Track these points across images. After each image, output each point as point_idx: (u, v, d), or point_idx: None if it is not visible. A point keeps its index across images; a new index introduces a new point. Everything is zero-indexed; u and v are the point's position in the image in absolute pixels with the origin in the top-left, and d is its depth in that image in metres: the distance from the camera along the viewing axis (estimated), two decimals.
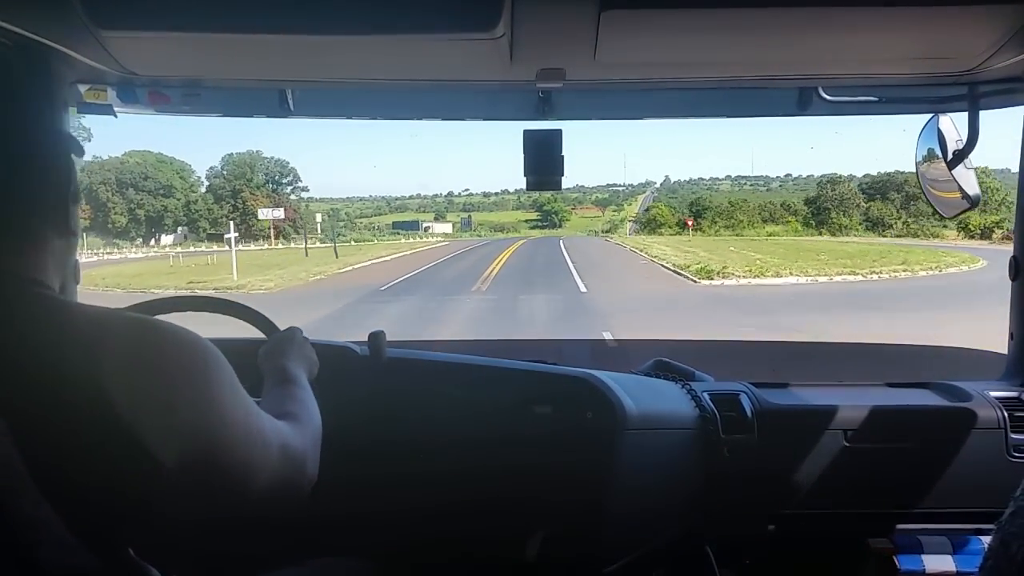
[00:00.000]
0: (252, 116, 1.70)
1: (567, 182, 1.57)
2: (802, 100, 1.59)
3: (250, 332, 1.40)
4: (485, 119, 1.80)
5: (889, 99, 1.63)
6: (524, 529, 1.59)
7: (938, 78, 1.47)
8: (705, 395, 1.69)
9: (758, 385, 1.78)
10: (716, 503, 1.64)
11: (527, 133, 1.51)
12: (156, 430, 0.74)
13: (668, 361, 1.89)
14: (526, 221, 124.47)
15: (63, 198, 0.84)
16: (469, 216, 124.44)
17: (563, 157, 1.52)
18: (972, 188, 1.57)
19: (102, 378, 0.71)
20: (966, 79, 1.46)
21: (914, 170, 1.71)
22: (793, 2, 1.10)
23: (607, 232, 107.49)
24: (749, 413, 1.65)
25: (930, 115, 1.63)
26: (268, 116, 1.65)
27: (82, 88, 1.47)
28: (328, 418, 1.08)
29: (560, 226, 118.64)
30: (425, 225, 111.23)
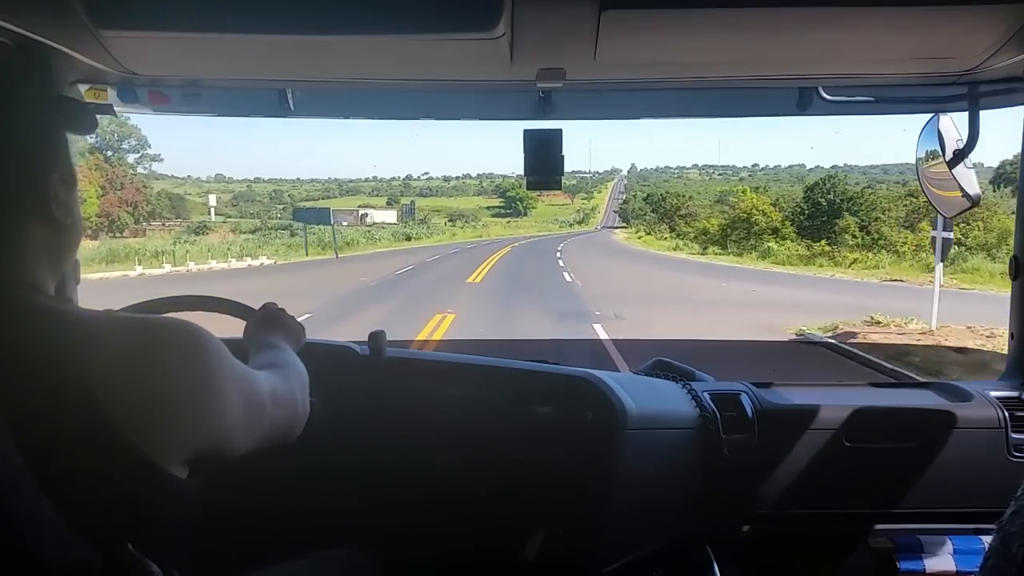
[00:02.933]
0: (252, 116, 1.70)
1: None
2: (802, 100, 1.59)
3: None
4: (485, 119, 1.80)
5: (889, 99, 1.63)
6: (524, 529, 1.59)
7: (938, 78, 1.47)
8: (705, 395, 1.69)
9: (758, 385, 1.78)
10: (716, 503, 1.64)
11: (527, 133, 1.51)
12: (160, 432, 0.74)
13: (668, 361, 1.89)
14: (488, 208, 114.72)
15: (43, 185, 0.81)
16: (412, 203, 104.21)
17: (563, 157, 1.52)
18: (972, 187, 1.58)
19: (94, 383, 0.71)
20: (966, 79, 1.46)
21: (915, 169, 1.71)
22: (793, 2, 1.10)
23: (580, 223, 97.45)
24: (749, 413, 1.65)
25: (930, 115, 1.64)
26: (268, 116, 1.65)
27: (82, 88, 1.47)
28: (328, 417, 1.08)
29: (525, 214, 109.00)
30: (363, 212, 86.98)
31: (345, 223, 74.31)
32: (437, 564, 1.61)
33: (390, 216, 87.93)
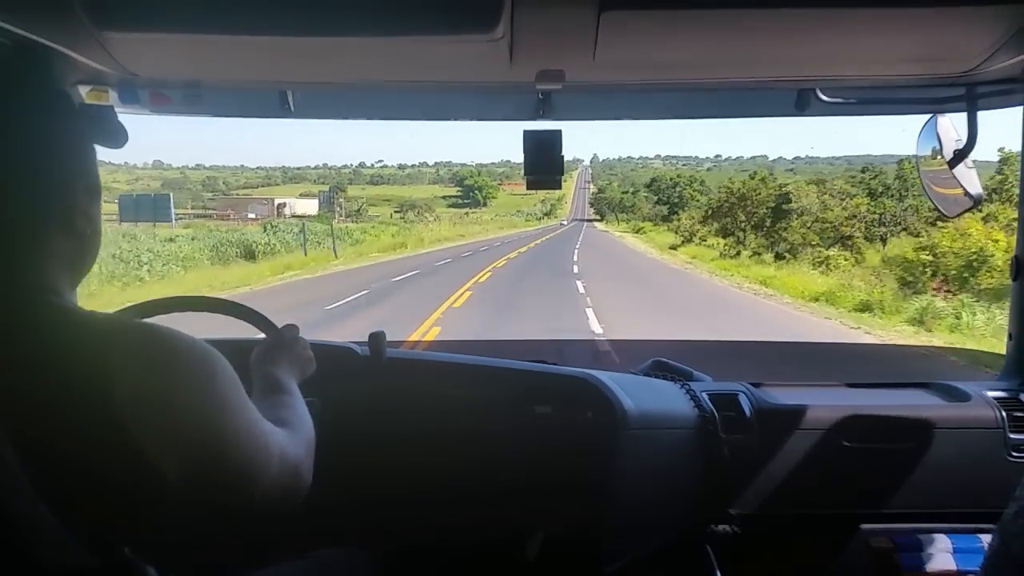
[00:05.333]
0: (252, 117, 1.70)
1: (494, 156, 1.47)
2: (801, 101, 1.59)
3: (251, 332, 1.40)
4: (485, 120, 1.80)
5: (888, 99, 1.63)
6: (524, 529, 1.59)
7: (936, 79, 1.47)
8: (704, 395, 1.69)
9: (756, 385, 1.78)
10: (716, 503, 1.65)
11: (527, 133, 1.51)
12: (160, 438, 0.74)
13: (666, 361, 1.90)
14: (444, 197, 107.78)
15: (69, 197, 0.83)
16: (331, 190, 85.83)
17: (563, 157, 1.52)
18: (974, 187, 1.58)
19: (107, 386, 0.72)
20: (964, 80, 1.46)
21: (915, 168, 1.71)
22: (792, 3, 1.10)
23: (547, 215, 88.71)
24: (748, 413, 1.65)
25: (929, 115, 1.64)
26: (269, 117, 1.65)
27: (83, 89, 1.47)
28: (329, 418, 1.08)
29: (485, 204, 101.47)
30: (280, 202, 71.73)
31: (253, 216, 57.98)
32: (437, 564, 1.61)
33: (310, 206, 71.36)
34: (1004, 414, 1.64)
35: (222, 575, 1.11)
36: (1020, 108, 1.58)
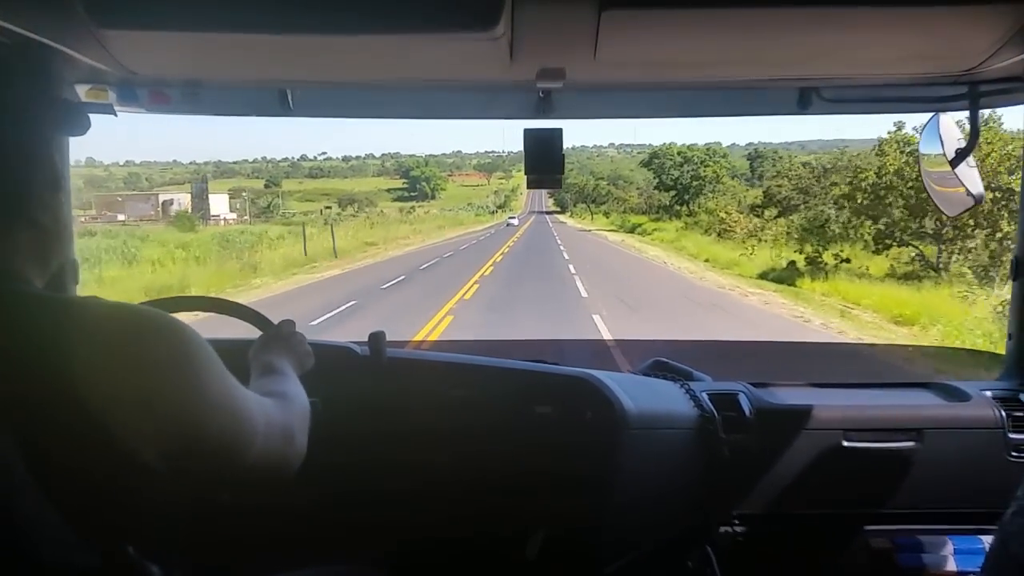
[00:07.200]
0: (252, 115, 1.69)
1: (444, 147, 1.45)
2: (802, 99, 1.59)
3: (253, 333, 1.40)
4: (485, 118, 1.80)
5: (889, 98, 1.63)
6: (524, 529, 1.59)
7: (938, 77, 1.47)
8: (704, 395, 1.69)
9: (756, 385, 1.78)
10: (716, 503, 1.64)
11: (527, 132, 1.51)
12: (133, 417, 0.73)
13: (666, 361, 1.89)
14: (389, 190, 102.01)
15: (26, 188, 0.81)
16: (203, 180, 76.38)
17: (564, 156, 1.52)
18: (975, 186, 1.58)
19: (80, 370, 0.70)
20: (966, 79, 1.46)
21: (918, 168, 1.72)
22: (794, 2, 1.10)
23: (501, 208, 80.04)
24: (748, 413, 1.65)
25: (931, 114, 1.64)
26: (268, 115, 1.64)
27: (82, 88, 1.47)
28: (328, 418, 1.08)
29: (433, 197, 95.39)
30: (167, 199, 60.86)
31: (122, 217, 49.14)
32: (437, 564, 1.61)
33: (221, 203, 61.58)
34: (1004, 414, 1.64)
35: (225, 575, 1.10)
36: (1022, 107, 1.58)
